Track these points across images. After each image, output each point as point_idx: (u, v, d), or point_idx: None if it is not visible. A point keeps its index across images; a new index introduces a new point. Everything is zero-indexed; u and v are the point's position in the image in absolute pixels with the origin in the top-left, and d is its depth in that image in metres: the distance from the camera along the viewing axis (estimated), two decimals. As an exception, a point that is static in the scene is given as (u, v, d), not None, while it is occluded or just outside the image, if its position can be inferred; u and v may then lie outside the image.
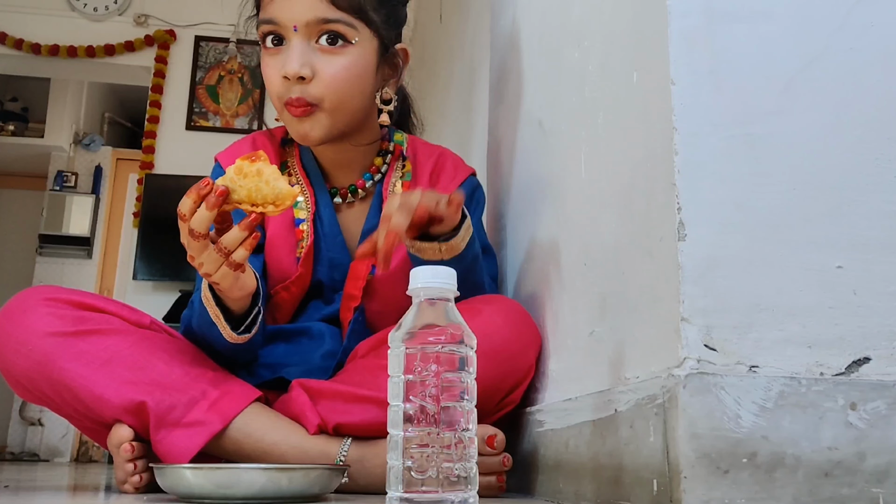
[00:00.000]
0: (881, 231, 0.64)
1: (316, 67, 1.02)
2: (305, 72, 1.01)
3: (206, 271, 0.86)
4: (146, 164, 4.27)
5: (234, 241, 0.84)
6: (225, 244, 0.84)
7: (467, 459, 0.60)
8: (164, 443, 0.92)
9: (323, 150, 1.14)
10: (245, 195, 0.82)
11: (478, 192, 1.19)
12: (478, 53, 1.77)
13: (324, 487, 0.83)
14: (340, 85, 1.03)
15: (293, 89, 1.02)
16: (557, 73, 1.01)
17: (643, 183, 0.70)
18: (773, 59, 0.66)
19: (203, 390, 0.95)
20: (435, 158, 1.19)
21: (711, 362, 0.60)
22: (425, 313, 0.61)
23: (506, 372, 0.95)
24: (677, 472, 0.58)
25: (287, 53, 1.03)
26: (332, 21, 1.02)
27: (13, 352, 0.95)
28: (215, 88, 4.36)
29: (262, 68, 1.07)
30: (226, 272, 0.86)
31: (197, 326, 1.00)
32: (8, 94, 5.39)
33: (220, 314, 0.94)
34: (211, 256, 0.84)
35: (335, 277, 1.13)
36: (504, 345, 0.94)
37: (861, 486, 0.58)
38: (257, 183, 0.82)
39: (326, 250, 1.12)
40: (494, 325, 0.94)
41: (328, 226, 1.13)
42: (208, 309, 0.94)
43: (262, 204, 0.82)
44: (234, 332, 0.95)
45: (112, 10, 4.37)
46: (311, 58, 1.03)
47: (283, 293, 1.11)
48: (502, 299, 1.03)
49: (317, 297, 1.14)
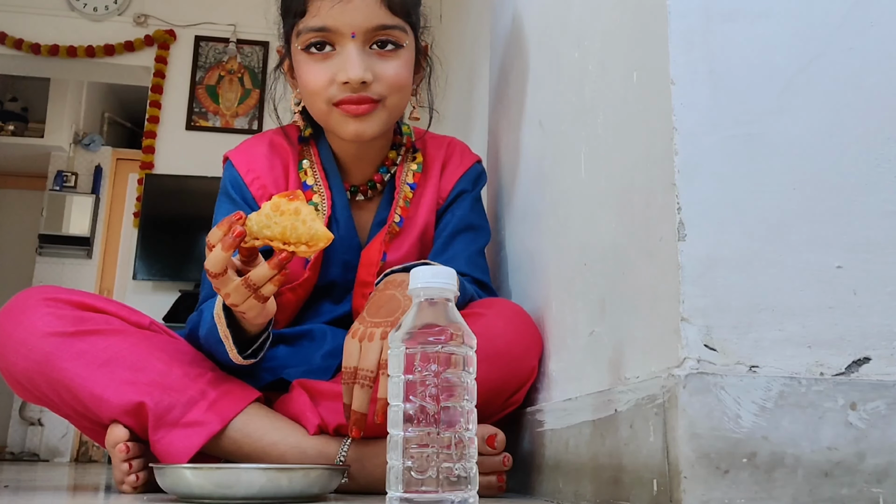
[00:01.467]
0: (881, 231, 0.64)
1: (375, 71, 1.05)
2: (368, 76, 1.04)
3: (233, 302, 0.85)
4: (146, 164, 4.26)
5: (263, 279, 0.83)
6: (253, 280, 0.83)
7: (467, 459, 0.60)
8: (162, 443, 0.92)
9: (346, 147, 1.14)
10: (279, 232, 0.81)
11: (481, 177, 1.23)
12: (478, 53, 1.77)
13: (323, 487, 0.83)
14: (400, 83, 1.07)
15: (350, 92, 1.04)
16: (557, 73, 1.01)
17: (643, 183, 0.70)
18: (772, 58, 0.66)
19: (202, 390, 0.95)
20: (445, 148, 1.22)
21: (711, 362, 0.60)
22: (425, 313, 0.61)
23: (509, 375, 0.95)
24: (677, 472, 0.58)
25: (343, 58, 1.04)
26: (390, 28, 1.06)
27: (13, 351, 0.95)
28: (215, 88, 4.35)
29: (302, 71, 1.07)
30: (252, 304, 0.85)
31: (204, 339, 0.99)
32: (8, 94, 5.38)
33: (230, 336, 0.93)
34: (239, 289, 0.84)
35: (349, 278, 1.13)
36: (507, 348, 0.95)
37: (861, 486, 0.58)
38: (293, 221, 0.80)
39: (342, 253, 1.12)
40: (497, 328, 0.95)
41: (344, 228, 1.13)
42: (219, 327, 0.93)
43: (294, 243, 0.81)
44: (241, 354, 0.94)
45: (112, 10, 4.37)
46: (369, 62, 1.05)
47: (289, 294, 1.11)
48: (503, 302, 1.04)
49: (326, 297, 1.14)
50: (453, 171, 1.19)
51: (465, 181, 1.19)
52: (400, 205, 1.14)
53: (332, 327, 1.12)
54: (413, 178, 1.17)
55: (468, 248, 1.14)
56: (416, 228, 1.15)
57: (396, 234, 1.12)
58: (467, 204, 1.18)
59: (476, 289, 1.09)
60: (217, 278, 0.83)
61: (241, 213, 0.82)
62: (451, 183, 1.18)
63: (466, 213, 1.17)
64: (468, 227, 1.16)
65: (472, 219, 1.17)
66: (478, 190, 1.21)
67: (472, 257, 1.14)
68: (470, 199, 1.19)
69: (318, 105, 1.07)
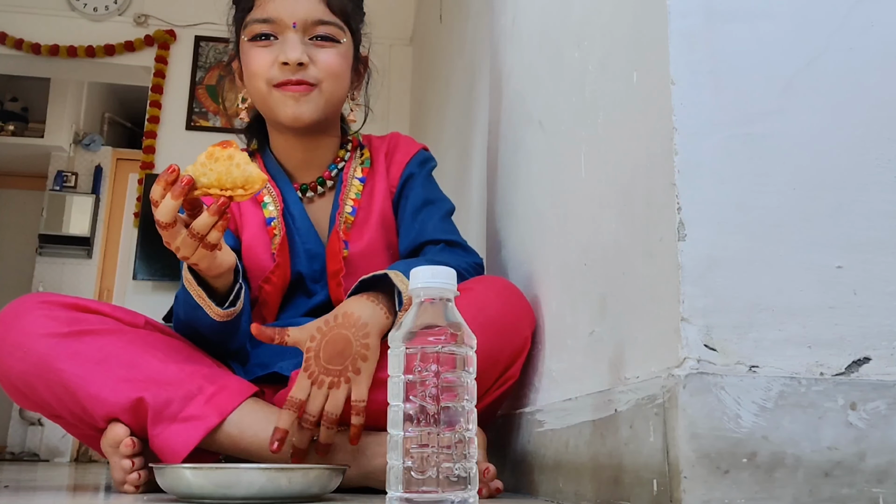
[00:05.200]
0: (881, 231, 0.64)
1: (312, 56, 1.15)
2: (305, 58, 1.13)
3: (184, 255, 0.90)
4: (146, 164, 4.26)
5: (206, 226, 0.88)
6: (197, 229, 0.88)
7: (467, 459, 0.60)
8: (161, 437, 0.92)
9: (291, 150, 1.22)
10: (215, 179, 0.85)
11: (428, 160, 1.28)
12: (478, 53, 1.77)
13: (323, 487, 0.83)
14: (335, 70, 1.16)
15: (290, 74, 1.13)
16: (557, 73, 1.01)
17: (643, 183, 0.70)
18: (772, 59, 0.66)
19: (199, 385, 0.95)
20: (387, 141, 1.29)
21: (711, 362, 0.60)
22: (425, 313, 0.61)
23: (502, 343, 0.97)
24: (677, 472, 0.58)
25: (283, 45, 1.14)
26: (327, 23, 1.16)
27: (9, 355, 0.95)
28: (215, 88, 4.36)
29: (249, 59, 1.16)
30: (203, 254, 0.90)
31: (184, 314, 1.03)
32: (8, 94, 5.38)
33: (204, 294, 0.97)
34: (186, 241, 0.88)
35: (315, 268, 1.17)
36: (498, 317, 0.97)
37: (861, 486, 0.58)
38: (228, 167, 0.85)
39: (301, 242, 1.18)
40: (487, 298, 0.98)
41: (299, 220, 1.19)
42: (191, 291, 0.98)
43: (231, 188, 0.85)
44: (220, 307, 0.98)
45: (112, 10, 4.37)
46: (308, 49, 1.15)
47: (266, 286, 1.15)
48: (492, 277, 1.08)
49: (300, 291, 1.18)
50: (400, 159, 1.25)
51: (412, 165, 1.25)
52: (351, 196, 1.21)
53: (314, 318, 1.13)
54: (361, 172, 1.24)
55: (433, 218, 1.20)
56: (373, 216, 1.21)
57: (352, 223, 1.19)
58: (419, 183, 1.24)
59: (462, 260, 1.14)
60: (167, 229, 0.88)
61: (174, 165, 0.85)
62: (400, 170, 1.24)
63: (420, 192, 1.23)
64: (426, 201, 1.22)
65: (428, 194, 1.23)
66: (427, 170, 1.26)
67: (439, 224, 1.20)
68: (421, 179, 1.25)
69: (259, 86, 1.15)
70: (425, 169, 1.26)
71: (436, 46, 2.41)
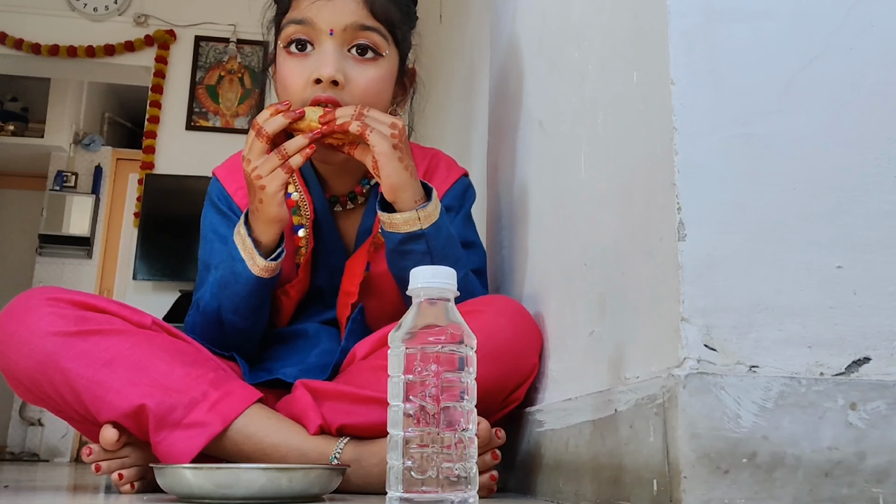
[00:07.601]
0: (881, 231, 0.64)
1: (349, 75, 1.04)
2: (340, 77, 1.02)
3: (260, 173, 0.97)
4: (146, 164, 4.26)
5: (296, 147, 0.97)
6: (287, 148, 0.97)
7: (467, 459, 0.60)
8: (164, 444, 0.92)
9: (326, 159, 1.13)
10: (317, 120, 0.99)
11: (469, 191, 1.21)
12: (478, 53, 1.77)
13: (323, 488, 0.83)
14: (371, 96, 1.05)
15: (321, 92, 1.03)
16: (557, 73, 1.01)
17: (643, 183, 0.70)
18: (772, 58, 0.66)
19: (204, 391, 0.95)
20: (428, 160, 1.21)
21: (711, 362, 0.60)
22: (425, 313, 0.61)
23: (510, 372, 0.95)
24: (677, 472, 0.58)
25: (319, 57, 1.03)
26: (369, 29, 1.04)
27: (15, 351, 0.95)
28: (215, 88, 4.36)
29: (283, 71, 1.07)
30: (278, 174, 0.97)
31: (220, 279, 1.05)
32: (8, 94, 5.38)
33: (251, 243, 1.01)
34: (269, 160, 0.97)
35: (336, 283, 1.14)
36: (507, 345, 0.95)
37: (861, 486, 0.58)
38: None
39: (326, 256, 1.14)
40: (497, 325, 0.95)
41: (327, 233, 1.14)
42: (239, 242, 1.02)
43: None
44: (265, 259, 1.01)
45: (112, 10, 4.37)
46: (344, 64, 1.04)
47: (282, 297, 1.13)
48: (503, 299, 1.04)
49: (316, 301, 1.16)
50: (438, 184, 1.15)
51: (452, 197, 1.17)
52: None
53: (326, 327, 1.14)
54: None
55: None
56: None
57: (381, 245, 1.10)
58: (459, 221, 1.16)
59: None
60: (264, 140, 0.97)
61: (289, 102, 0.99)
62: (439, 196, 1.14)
63: (460, 231, 1.13)
64: (463, 243, 1.11)
65: (465, 236, 1.15)
66: (467, 207, 1.19)
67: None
68: (461, 217, 1.16)
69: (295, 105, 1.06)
70: (466, 204, 1.18)
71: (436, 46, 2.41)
